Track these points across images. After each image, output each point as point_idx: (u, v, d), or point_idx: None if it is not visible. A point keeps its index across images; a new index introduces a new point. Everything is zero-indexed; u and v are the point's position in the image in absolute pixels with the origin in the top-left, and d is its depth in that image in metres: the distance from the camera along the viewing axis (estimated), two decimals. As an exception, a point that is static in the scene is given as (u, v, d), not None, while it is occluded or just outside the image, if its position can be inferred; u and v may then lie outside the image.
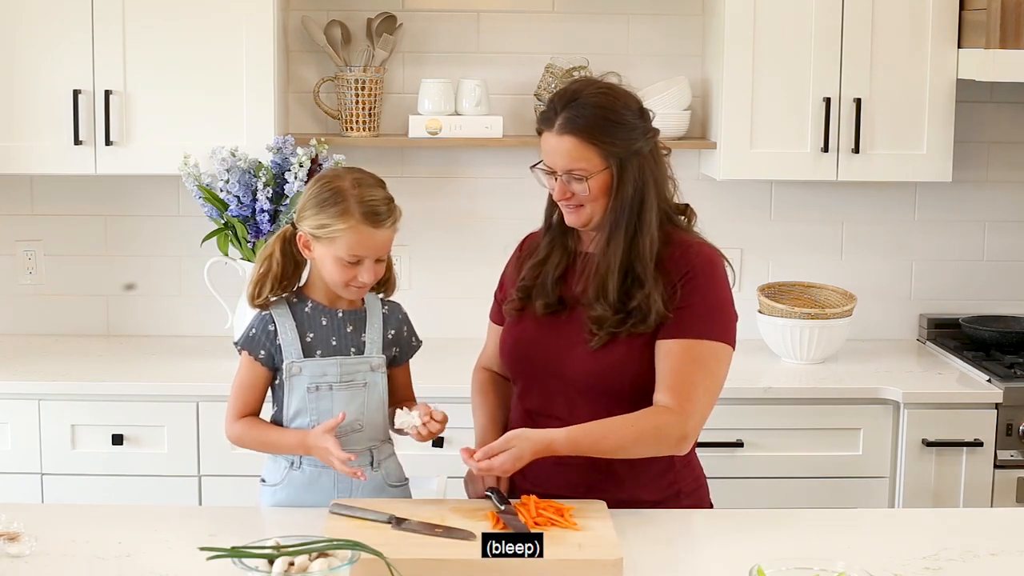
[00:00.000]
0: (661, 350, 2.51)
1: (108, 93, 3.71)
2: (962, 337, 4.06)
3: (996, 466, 3.61)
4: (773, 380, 3.71)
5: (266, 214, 3.63)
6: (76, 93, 3.70)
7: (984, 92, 4.07)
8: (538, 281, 2.62)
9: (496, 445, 2.43)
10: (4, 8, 3.69)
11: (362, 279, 2.52)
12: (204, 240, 3.78)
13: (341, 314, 2.60)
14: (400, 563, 2.08)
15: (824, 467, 3.65)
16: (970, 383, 3.69)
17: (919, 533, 2.47)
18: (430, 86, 3.94)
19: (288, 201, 3.64)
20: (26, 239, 4.13)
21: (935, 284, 4.24)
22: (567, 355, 2.56)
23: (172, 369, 3.77)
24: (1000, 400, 3.60)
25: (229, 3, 3.71)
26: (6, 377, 3.65)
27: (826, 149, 3.81)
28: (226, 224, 3.70)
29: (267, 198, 3.61)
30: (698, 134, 4.07)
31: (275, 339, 2.57)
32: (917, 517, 2.78)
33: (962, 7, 3.77)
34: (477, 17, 4.08)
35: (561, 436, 2.45)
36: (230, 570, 2.03)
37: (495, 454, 2.42)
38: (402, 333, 2.65)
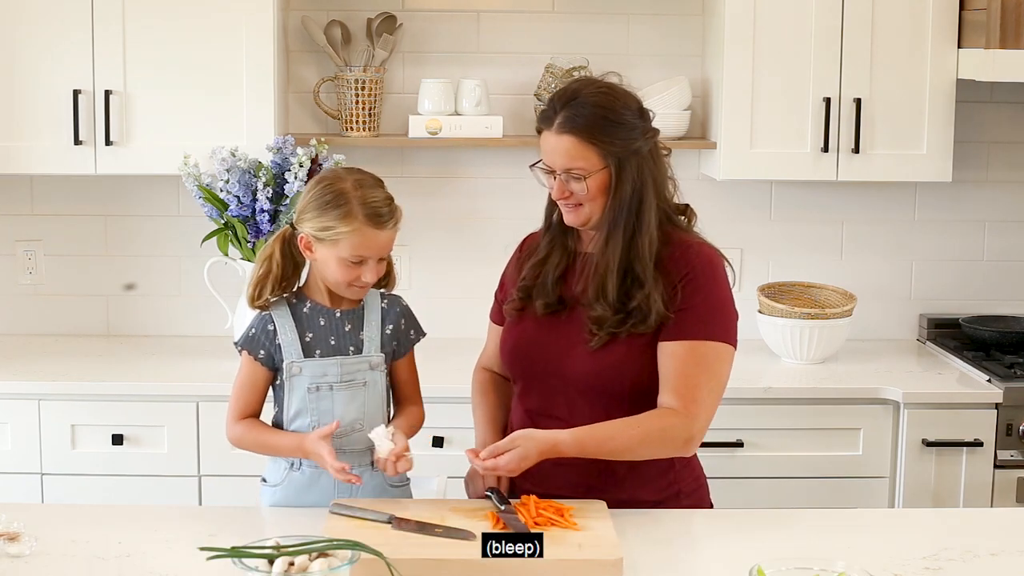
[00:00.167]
0: (664, 352, 2.51)
1: (108, 93, 3.71)
2: (962, 337, 4.06)
3: (996, 466, 3.61)
4: (773, 380, 3.71)
5: (266, 214, 3.63)
6: (76, 93, 3.70)
7: (984, 92, 4.07)
8: (538, 281, 2.62)
9: (502, 444, 2.43)
10: (4, 8, 3.69)
11: (365, 279, 2.53)
12: (204, 240, 3.78)
13: (339, 313, 2.60)
14: (400, 563, 2.08)
15: (824, 467, 3.65)
16: (970, 383, 3.69)
17: (919, 533, 2.47)
18: (430, 86, 3.94)
19: (288, 201, 3.64)
20: (26, 239, 4.13)
21: (935, 284, 4.24)
22: (567, 355, 2.56)
23: (172, 369, 3.77)
24: (1000, 400, 3.60)
25: (229, 3, 3.71)
26: (6, 377, 3.65)
27: (826, 149, 3.81)
28: (226, 224, 3.70)
29: (267, 198, 3.61)
30: (698, 134, 4.07)
31: (275, 339, 2.57)
32: (917, 517, 2.78)
33: (962, 7, 3.77)
34: (477, 17, 4.08)
35: (567, 437, 2.45)
36: (230, 570, 2.03)
37: (500, 453, 2.42)
38: (400, 326, 2.64)
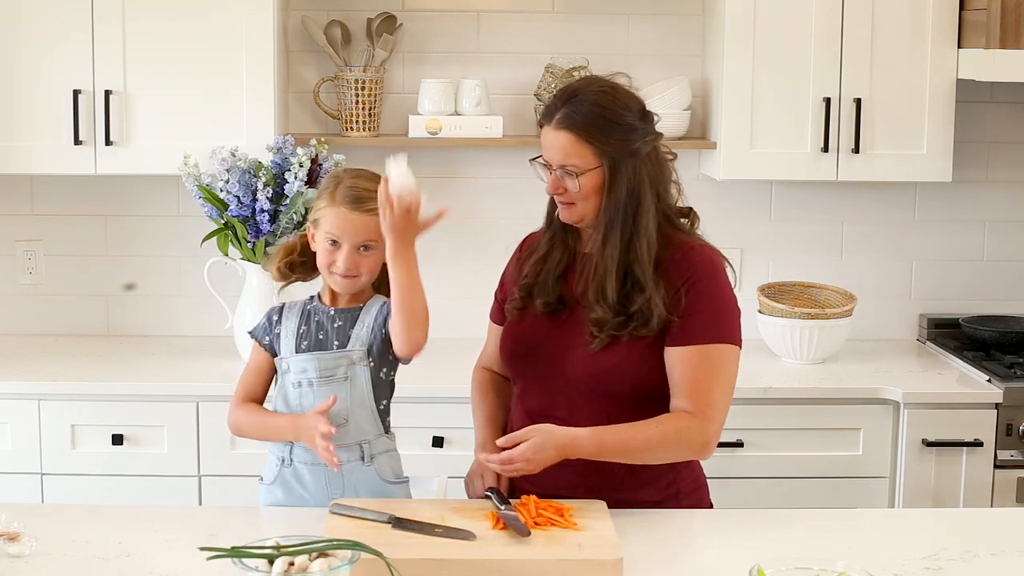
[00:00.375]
0: (673, 358, 2.52)
1: (108, 93, 3.71)
2: (962, 337, 4.06)
3: (996, 466, 3.61)
4: (773, 380, 3.71)
5: (266, 214, 3.62)
6: (76, 93, 3.70)
7: (984, 92, 4.07)
8: (539, 279, 2.62)
9: (518, 434, 2.44)
10: (4, 8, 3.69)
11: (339, 264, 2.57)
12: (204, 240, 3.78)
13: (333, 311, 2.63)
14: (400, 563, 2.08)
15: (824, 467, 3.65)
16: (970, 383, 3.69)
17: (919, 533, 2.47)
18: (430, 86, 3.94)
19: (288, 201, 3.64)
20: (26, 239, 4.13)
21: (935, 284, 4.24)
22: (567, 356, 2.56)
23: (172, 369, 3.77)
24: (1000, 400, 3.60)
25: (229, 3, 3.71)
26: (6, 377, 3.65)
27: (826, 149, 3.81)
28: (226, 224, 3.70)
29: (267, 198, 3.61)
30: (698, 134, 4.07)
31: (274, 328, 2.64)
32: (917, 517, 2.78)
33: (962, 7, 3.77)
34: (477, 17, 4.08)
35: (586, 434, 2.45)
36: (230, 570, 2.03)
37: (517, 443, 2.41)
38: (380, 315, 2.64)
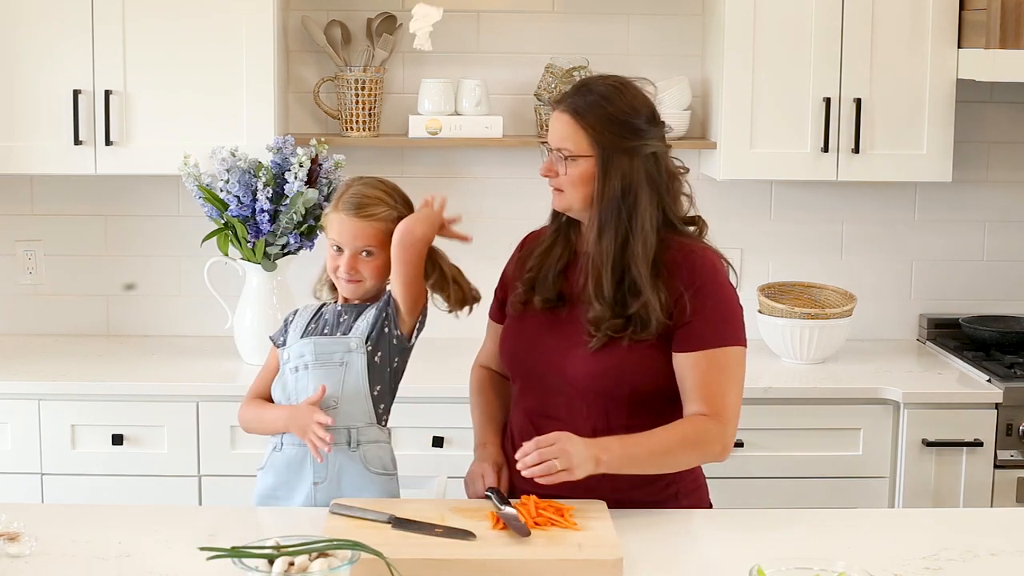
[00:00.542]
0: (683, 364, 2.52)
1: (108, 93, 3.71)
2: (962, 337, 4.06)
3: (996, 466, 3.61)
4: (773, 380, 3.71)
5: (266, 214, 3.62)
6: (76, 93, 3.70)
7: (984, 92, 4.07)
8: (540, 274, 2.63)
9: (544, 439, 2.41)
10: (4, 8, 3.69)
11: (341, 269, 2.63)
12: (204, 240, 3.78)
13: (341, 307, 2.68)
14: (400, 563, 2.08)
15: (824, 467, 3.65)
16: (970, 383, 3.69)
17: (919, 533, 2.47)
18: (430, 86, 3.94)
19: (288, 201, 3.64)
20: (26, 239, 4.13)
21: (935, 284, 4.24)
22: (567, 356, 2.56)
23: (172, 369, 3.77)
24: (1000, 400, 3.60)
25: (229, 3, 3.71)
26: (6, 377, 3.65)
27: (826, 149, 3.82)
28: (226, 224, 3.70)
29: (267, 198, 3.61)
30: (698, 134, 4.08)
31: (289, 329, 2.71)
32: (917, 517, 2.78)
33: (962, 7, 3.77)
34: (477, 17, 4.08)
35: (611, 440, 2.44)
36: (230, 570, 2.03)
37: (544, 446, 2.38)
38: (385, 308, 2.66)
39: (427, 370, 2.78)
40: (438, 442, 3.59)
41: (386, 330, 2.62)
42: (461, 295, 2.67)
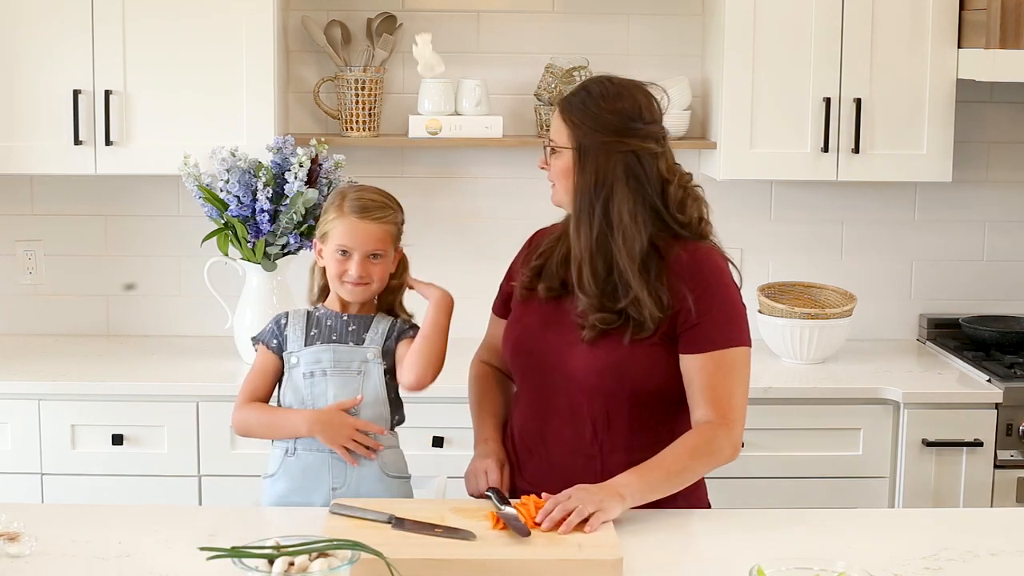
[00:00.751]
0: (690, 366, 2.53)
1: (108, 93, 3.71)
2: (962, 337, 4.06)
3: (996, 466, 3.61)
4: (773, 380, 3.71)
5: (266, 214, 3.62)
6: (76, 93, 3.70)
7: (984, 92, 4.07)
8: (547, 262, 2.64)
9: (559, 496, 2.37)
10: (4, 8, 3.69)
11: (351, 272, 2.62)
12: (204, 240, 3.78)
13: (346, 317, 2.68)
14: (400, 563, 2.08)
15: (824, 467, 3.65)
16: (970, 383, 3.69)
17: (919, 533, 2.47)
18: (430, 86, 3.94)
19: (288, 201, 3.64)
20: (26, 239, 4.13)
21: (935, 284, 4.24)
22: (569, 350, 2.56)
23: (172, 369, 3.77)
24: (1000, 400, 3.60)
25: (229, 3, 3.71)
26: (6, 377, 3.65)
27: (826, 149, 3.81)
28: (226, 224, 3.70)
29: (267, 198, 3.61)
30: (698, 134, 4.07)
31: (284, 330, 2.68)
32: (917, 517, 2.78)
33: (962, 7, 3.77)
34: (477, 17, 4.08)
35: (624, 476, 2.44)
36: (230, 570, 2.03)
37: (563, 501, 2.35)
38: (396, 326, 2.70)
39: (427, 370, 2.77)
40: (438, 442, 3.59)
41: (395, 348, 2.67)
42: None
